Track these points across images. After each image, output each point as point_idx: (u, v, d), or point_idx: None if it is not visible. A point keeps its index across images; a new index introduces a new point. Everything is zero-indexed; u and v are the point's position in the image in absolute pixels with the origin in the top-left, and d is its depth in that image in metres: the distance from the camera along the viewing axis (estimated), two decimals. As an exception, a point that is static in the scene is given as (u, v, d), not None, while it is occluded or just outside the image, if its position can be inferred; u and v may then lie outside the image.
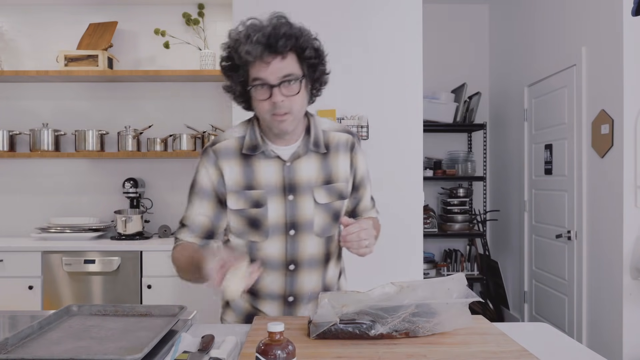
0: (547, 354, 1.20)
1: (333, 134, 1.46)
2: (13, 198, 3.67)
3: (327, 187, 1.42)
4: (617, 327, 2.79)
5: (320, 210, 1.42)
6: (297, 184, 1.40)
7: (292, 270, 1.44)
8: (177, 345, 1.23)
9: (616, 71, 2.78)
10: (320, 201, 1.41)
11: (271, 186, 1.40)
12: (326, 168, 1.43)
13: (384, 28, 3.00)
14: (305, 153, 1.41)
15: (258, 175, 1.40)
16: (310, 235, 1.43)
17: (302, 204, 1.40)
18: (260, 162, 1.40)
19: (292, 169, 1.40)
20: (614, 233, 2.82)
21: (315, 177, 1.41)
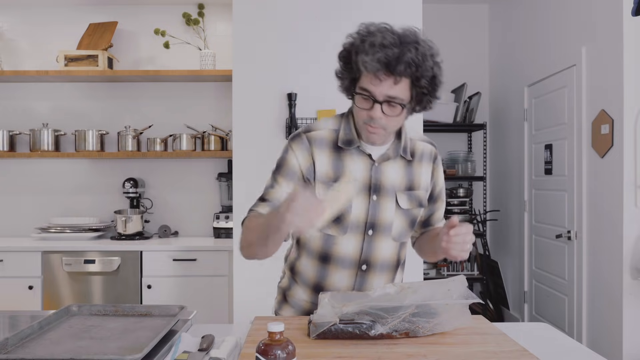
0: (547, 354, 1.20)
1: (419, 143, 1.48)
2: (13, 198, 3.67)
3: (409, 193, 1.44)
4: (617, 327, 2.79)
5: (400, 215, 1.43)
6: (382, 186, 1.41)
7: (364, 270, 1.44)
8: (177, 345, 1.23)
9: (616, 71, 2.78)
10: (403, 206, 1.43)
11: (358, 183, 1.40)
12: (410, 175, 1.44)
13: (384, 28, 3.00)
14: (394, 157, 1.42)
15: (347, 169, 1.40)
16: (387, 238, 1.43)
17: (384, 206, 1.41)
18: (352, 157, 1.40)
19: (379, 170, 1.41)
20: (614, 233, 2.82)
21: (399, 181, 1.43)
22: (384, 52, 1.23)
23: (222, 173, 3.54)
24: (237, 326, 1.48)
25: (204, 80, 3.58)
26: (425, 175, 1.47)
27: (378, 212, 1.40)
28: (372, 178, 1.40)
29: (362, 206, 1.39)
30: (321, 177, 1.39)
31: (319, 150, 1.40)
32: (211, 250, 3.15)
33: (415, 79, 1.28)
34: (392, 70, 1.24)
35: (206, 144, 3.51)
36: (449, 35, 4.60)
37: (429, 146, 1.49)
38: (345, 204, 1.27)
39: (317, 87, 2.96)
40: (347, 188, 1.26)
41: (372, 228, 1.41)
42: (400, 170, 1.43)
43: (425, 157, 1.47)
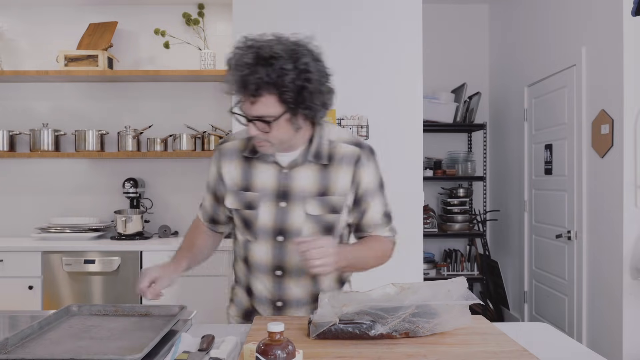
0: (547, 354, 1.20)
1: (341, 145, 1.42)
2: (13, 198, 3.67)
3: (321, 199, 1.40)
4: (617, 327, 2.79)
5: (310, 221, 1.41)
6: (290, 192, 1.40)
7: (278, 275, 1.44)
8: (177, 345, 1.23)
9: (616, 71, 2.78)
10: (311, 212, 1.40)
11: (266, 190, 1.41)
12: (324, 180, 1.40)
13: (384, 28, 3.00)
14: (303, 162, 1.40)
15: (255, 178, 1.43)
16: None
17: (292, 212, 1.40)
18: (260, 165, 1.43)
19: (288, 176, 1.40)
20: (614, 233, 2.82)
21: (310, 187, 1.40)
22: (237, 73, 1.23)
23: (222, 173, 3.54)
24: (237, 326, 1.49)
25: (204, 80, 3.58)
26: (343, 180, 1.41)
27: (286, 218, 1.40)
28: (279, 185, 1.40)
29: (269, 213, 1.41)
30: (231, 186, 1.46)
31: (228, 160, 1.46)
32: (211, 250, 3.14)
33: (280, 94, 1.24)
34: (247, 92, 1.24)
35: (206, 144, 3.51)
36: (449, 35, 4.60)
37: (352, 148, 1.42)
38: None
39: (317, 87, 2.96)
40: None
41: (281, 234, 1.41)
42: (313, 175, 1.40)
43: (345, 161, 1.41)
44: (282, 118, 1.29)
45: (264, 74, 1.21)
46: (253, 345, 1.07)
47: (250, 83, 1.22)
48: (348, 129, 2.96)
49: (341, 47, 2.97)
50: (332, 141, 1.42)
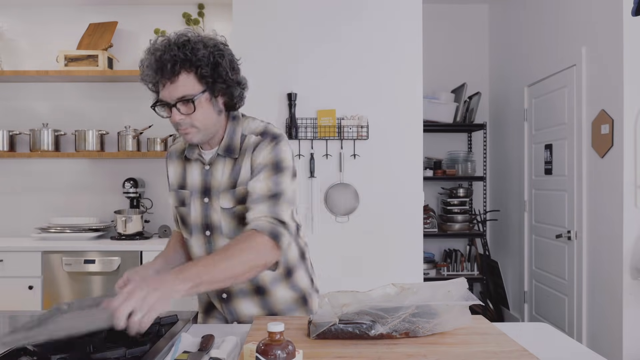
0: (547, 354, 1.20)
1: (249, 137, 1.43)
2: (13, 198, 3.67)
3: (232, 192, 1.42)
4: (617, 327, 2.79)
5: (226, 215, 1.43)
6: (211, 187, 1.45)
7: None
8: (177, 345, 1.23)
9: (616, 71, 2.78)
10: (223, 205, 1.42)
11: (194, 187, 1.48)
12: (235, 172, 1.42)
13: (384, 28, 3.00)
14: (217, 157, 1.44)
15: (188, 176, 1.50)
16: (222, 238, 1.45)
17: (213, 207, 1.45)
18: (191, 164, 1.49)
19: (209, 172, 1.46)
20: (614, 233, 2.82)
21: (224, 181, 1.43)
22: (153, 57, 1.30)
23: (222, 173, 3.54)
24: (237, 326, 1.49)
25: (204, 80, 3.57)
26: (245, 169, 1.41)
27: (209, 213, 1.45)
28: (203, 181, 1.46)
29: (197, 209, 1.46)
30: (172, 185, 1.54)
31: (173, 161, 1.54)
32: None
33: (196, 71, 1.30)
34: (165, 73, 1.29)
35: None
36: (449, 35, 4.60)
37: (255, 138, 1.41)
38: None
39: (317, 87, 2.97)
40: None
41: (208, 229, 1.46)
42: (226, 169, 1.43)
43: (248, 151, 1.41)
44: (203, 97, 1.33)
45: (180, 52, 1.28)
46: (253, 345, 1.07)
47: (167, 62, 1.28)
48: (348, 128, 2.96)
49: (341, 47, 2.97)
50: (244, 135, 1.44)
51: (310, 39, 2.93)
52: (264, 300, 1.50)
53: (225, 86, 1.35)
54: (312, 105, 2.98)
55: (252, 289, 1.49)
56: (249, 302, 1.50)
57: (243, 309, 1.50)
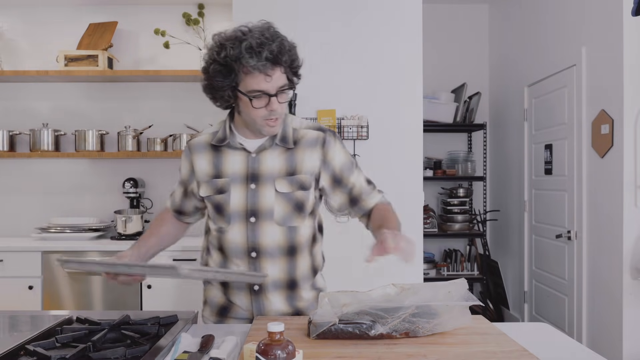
0: (547, 354, 1.20)
1: (304, 131, 1.53)
2: (13, 198, 3.67)
3: (290, 178, 1.48)
4: (617, 327, 2.79)
5: (280, 199, 1.47)
6: (260, 174, 1.48)
7: (254, 257, 1.48)
8: (177, 345, 1.23)
9: (616, 71, 2.78)
10: (281, 190, 1.47)
11: (235, 175, 1.49)
12: (291, 161, 1.49)
13: (384, 28, 3.00)
14: (270, 146, 1.49)
15: (224, 165, 1.51)
16: (271, 223, 1.47)
17: (263, 193, 1.47)
18: (228, 152, 1.51)
19: (256, 160, 1.48)
20: (614, 233, 2.82)
21: (278, 168, 1.48)
22: (266, 49, 1.33)
23: (222, 173, 3.54)
24: (237, 326, 1.49)
25: (204, 80, 3.57)
26: (310, 161, 1.49)
27: (257, 199, 1.47)
28: (248, 168, 1.48)
29: (240, 195, 1.48)
30: (202, 177, 1.53)
31: (198, 154, 1.55)
32: (211, 250, 3.15)
33: (291, 62, 1.41)
34: (278, 62, 1.35)
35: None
36: (449, 35, 4.60)
37: (315, 132, 1.53)
38: None
39: (317, 87, 2.96)
40: None
41: (253, 215, 1.47)
42: (280, 157, 1.49)
43: (310, 143, 1.50)
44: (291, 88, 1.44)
45: (287, 43, 1.38)
46: (253, 345, 1.07)
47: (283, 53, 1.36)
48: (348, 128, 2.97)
49: (342, 47, 2.97)
50: (295, 129, 1.53)
51: (310, 39, 2.93)
52: (292, 295, 1.53)
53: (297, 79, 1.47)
54: (312, 105, 2.97)
55: (286, 281, 1.51)
56: (278, 296, 1.51)
57: (271, 303, 1.51)
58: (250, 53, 1.32)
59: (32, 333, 1.29)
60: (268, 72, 1.35)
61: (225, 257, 1.53)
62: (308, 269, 1.55)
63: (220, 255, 1.55)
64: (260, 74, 1.34)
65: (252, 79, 1.36)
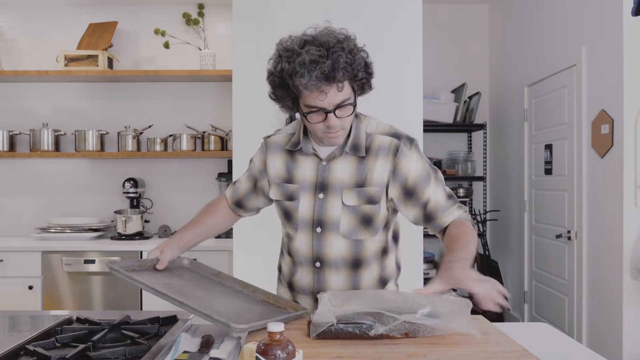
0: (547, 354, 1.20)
1: (378, 137, 1.44)
2: (13, 198, 3.67)
3: (358, 190, 1.41)
4: (617, 327, 2.79)
5: (347, 212, 1.41)
6: (329, 183, 1.43)
7: (318, 267, 1.46)
8: (177, 345, 1.23)
9: (616, 71, 2.78)
10: (348, 203, 1.41)
11: (306, 182, 1.45)
12: (361, 171, 1.42)
13: (384, 28, 3.00)
14: (341, 154, 1.42)
15: (297, 170, 1.47)
16: (336, 235, 1.43)
17: (330, 204, 1.42)
18: (301, 158, 1.47)
19: (327, 168, 1.43)
20: (614, 233, 2.82)
21: (348, 178, 1.42)
22: (318, 68, 1.24)
23: (222, 173, 3.54)
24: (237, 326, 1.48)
25: (204, 80, 3.58)
26: (380, 171, 1.41)
27: (324, 209, 1.43)
28: (318, 176, 1.43)
29: (308, 204, 1.44)
30: (274, 178, 1.50)
31: (274, 153, 1.51)
32: (211, 250, 3.14)
33: (354, 76, 1.31)
34: (332, 80, 1.26)
35: (206, 144, 3.52)
36: (449, 35, 4.60)
37: (389, 139, 1.44)
38: None
39: (317, 87, 2.96)
40: None
41: (319, 225, 1.43)
42: (350, 167, 1.42)
43: (381, 152, 1.42)
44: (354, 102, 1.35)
45: (344, 58, 1.26)
46: (253, 345, 1.07)
47: (338, 70, 1.25)
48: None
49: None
50: (369, 134, 1.44)
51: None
52: (355, 275, 1.47)
53: (370, 86, 1.39)
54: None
55: (352, 260, 1.46)
56: (340, 275, 1.46)
57: (333, 280, 1.46)
58: (303, 70, 1.24)
59: (32, 333, 1.29)
60: (322, 90, 1.27)
61: (292, 262, 1.52)
62: (375, 280, 1.50)
63: (289, 260, 1.53)
64: (315, 91, 1.28)
65: (307, 95, 1.30)
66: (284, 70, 1.30)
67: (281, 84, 1.34)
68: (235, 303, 1.40)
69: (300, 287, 1.50)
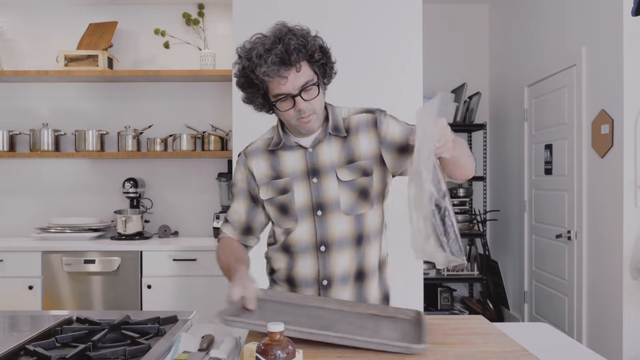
0: (547, 354, 1.20)
1: (354, 117, 1.53)
2: (13, 198, 3.67)
3: (350, 166, 1.47)
4: (617, 327, 2.79)
5: (345, 188, 1.47)
6: (319, 167, 1.48)
7: (323, 251, 1.47)
8: (177, 345, 1.23)
9: (616, 71, 2.78)
10: (343, 179, 1.46)
11: (296, 172, 1.49)
12: (348, 149, 1.49)
13: (384, 28, 3.00)
14: (324, 138, 1.49)
15: (283, 165, 1.50)
16: (338, 214, 1.46)
17: (326, 185, 1.47)
18: (285, 153, 1.51)
19: (314, 154, 1.48)
20: (614, 233, 2.82)
21: (337, 158, 1.48)
22: (272, 54, 1.32)
23: (222, 173, 3.54)
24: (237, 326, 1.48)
25: (204, 80, 3.58)
26: (366, 145, 1.49)
27: (321, 192, 1.47)
28: (307, 163, 1.48)
29: (304, 191, 1.48)
30: (261, 180, 1.52)
31: (255, 159, 1.54)
32: (211, 250, 3.14)
33: (310, 57, 1.38)
34: (288, 63, 1.33)
35: (206, 144, 3.51)
36: (449, 35, 4.60)
37: (365, 115, 1.54)
38: None
39: (317, 87, 2.96)
40: None
41: (320, 208, 1.47)
42: (336, 147, 1.49)
43: (361, 128, 1.51)
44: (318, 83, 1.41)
45: (296, 41, 1.34)
46: (253, 345, 1.07)
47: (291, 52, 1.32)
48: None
49: (342, 47, 2.96)
50: (345, 117, 1.53)
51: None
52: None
53: (331, 68, 1.46)
54: (312, 105, 2.97)
55: (356, 236, 1.48)
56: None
57: (338, 262, 1.47)
58: (260, 60, 1.33)
59: (32, 333, 1.29)
60: (281, 75, 1.34)
61: (290, 255, 1.51)
62: (376, 259, 1.53)
63: (286, 256, 1.52)
64: (276, 78, 1.35)
65: (271, 84, 1.38)
66: (245, 68, 1.38)
67: (247, 82, 1.41)
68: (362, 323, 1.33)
69: (303, 278, 1.50)
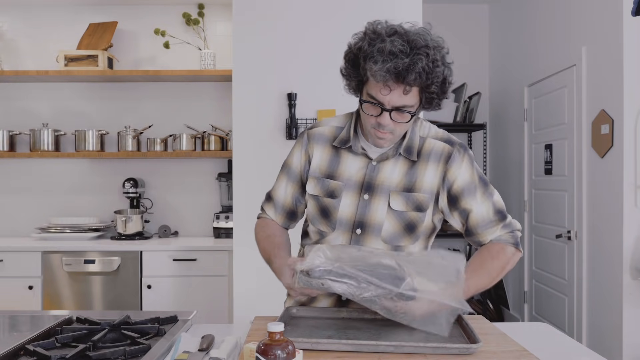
0: (547, 354, 1.20)
1: (430, 140, 1.39)
2: (13, 198, 3.67)
3: (407, 195, 1.36)
4: (617, 327, 2.79)
5: (392, 216, 1.36)
6: (376, 184, 1.37)
7: None
8: (177, 345, 1.23)
9: (616, 71, 2.78)
10: (395, 207, 1.36)
11: (351, 181, 1.38)
12: (412, 175, 1.37)
13: (384, 28, 3.00)
14: (393, 156, 1.37)
15: (342, 167, 1.40)
16: (377, 239, 1.37)
17: (375, 206, 1.37)
18: (348, 156, 1.40)
19: (376, 169, 1.37)
20: (614, 233, 2.82)
21: (396, 181, 1.36)
22: (393, 62, 1.18)
23: (222, 173, 3.54)
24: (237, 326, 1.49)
25: (204, 80, 3.58)
26: (430, 177, 1.36)
27: (367, 211, 1.37)
28: (366, 176, 1.37)
29: (351, 204, 1.38)
30: (314, 172, 1.42)
31: (318, 146, 1.43)
32: (211, 250, 3.15)
33: (426, 87, 1.25)
34: (402, 80, 1.20)
35: (206, 144, 3.51)
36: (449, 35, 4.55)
37: (442, 144, 1.38)
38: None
39: (317, 87, 2.96)
40: None
41: (360, 227, 1.38)
42: (400, 169, 1.37)
43: (433, 157, 1.37)
44: (415, 112, 1.28)
45: (424, 64, 1.19)
46: (253, 345, 1.07)
47: (412, 72, 1.19)
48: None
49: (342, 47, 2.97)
50: (422, 137, 1.39)
51: (310, 38, 2.92)
52: None
53: (439, 101, 1.31)
54: (312, 105, 2.97)
55: None
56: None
57: None
58: (380, 56, 1.19)
59: (32, 333, 1.29)
60: (388, 84, 1.22)
61: None
62: None
63: None
64: (379, 82, 1.22)
65: (374, 84, 1.25)
66: (361, 50, 1.25)
67: (354, 62, 1.29)
68: (396, 327, 1.29)
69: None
